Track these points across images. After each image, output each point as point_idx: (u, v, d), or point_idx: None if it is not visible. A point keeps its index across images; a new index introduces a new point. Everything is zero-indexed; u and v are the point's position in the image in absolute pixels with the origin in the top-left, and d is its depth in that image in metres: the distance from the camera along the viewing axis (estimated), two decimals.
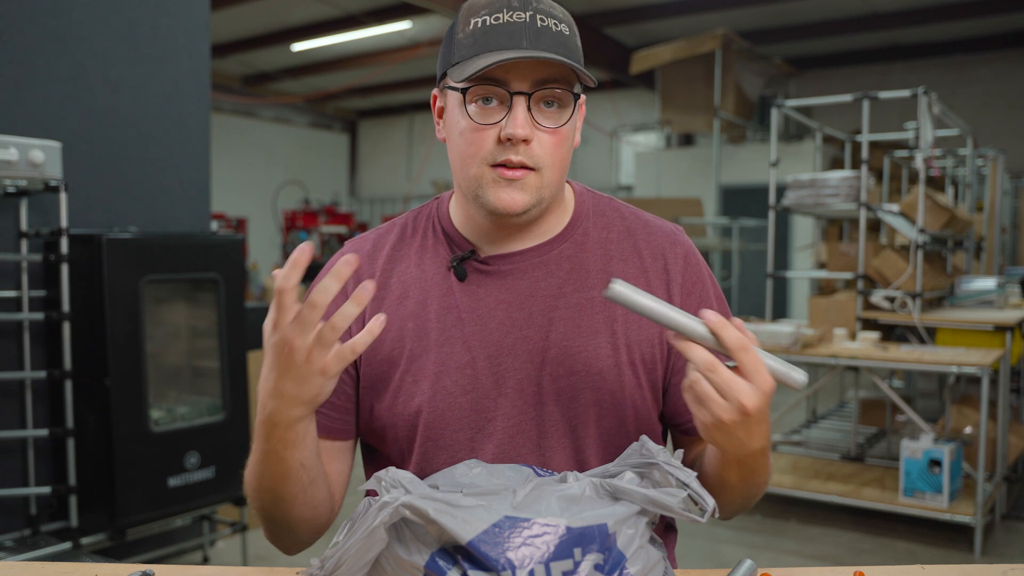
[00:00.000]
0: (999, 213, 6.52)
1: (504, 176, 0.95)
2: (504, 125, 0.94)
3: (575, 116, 0.99)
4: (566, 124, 0.97)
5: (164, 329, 3.04)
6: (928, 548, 3.51)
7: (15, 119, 2.69)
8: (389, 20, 8.67)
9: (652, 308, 0.84)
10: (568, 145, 0.99)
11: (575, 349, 1.01)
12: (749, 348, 0.82)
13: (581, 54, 0.99)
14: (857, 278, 4.22)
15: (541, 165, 0.96)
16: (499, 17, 0.94)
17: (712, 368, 0.82)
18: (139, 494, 2.74)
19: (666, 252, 1.07)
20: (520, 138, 0.93)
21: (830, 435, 4.83)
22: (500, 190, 0.96)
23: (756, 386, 0.82)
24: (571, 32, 0.97)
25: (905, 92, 4.17)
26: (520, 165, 0.95)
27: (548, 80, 0.94)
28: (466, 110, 0.96)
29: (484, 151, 0.95)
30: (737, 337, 0.82)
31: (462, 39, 0.96)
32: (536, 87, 0.94)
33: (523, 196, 0.96)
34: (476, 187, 0.97)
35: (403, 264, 1.07)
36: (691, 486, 0.79)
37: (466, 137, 0.97)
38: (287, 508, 0.94)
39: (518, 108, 0.94)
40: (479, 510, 0.76)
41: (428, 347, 1.02)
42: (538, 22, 0.94)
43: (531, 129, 0.94)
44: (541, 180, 0.97)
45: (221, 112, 11.51)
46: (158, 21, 3.13)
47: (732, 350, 0.82)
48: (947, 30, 8.85)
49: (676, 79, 8.31)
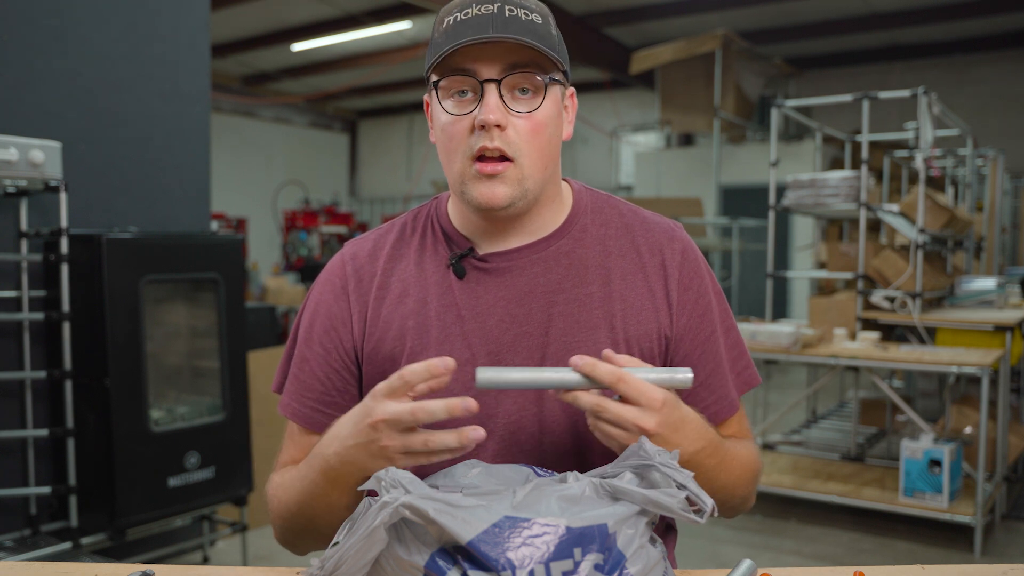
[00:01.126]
0: (999, 213, 6.52)
1: (484, 172, 0.96)
2: (477, 112, 0.95)
3: (550, 101, 0.99)
4: (540, 108, 0.97)
5: (164, 329, 3.04)
6: (928, 548, 3.51)
7: (15, 119, 2.69)
8: (389, 20, 8.67)
9: (522, 379, 0.86)
10: (548, 133, 0.99)
11: (574, 344, 1.02)
12: (623, 376, 0.85)
13: (557, 42, 0.99)
14: (857, 278, 4.22)
15: (518, 153, 0.97)
16: (468, 12, 0.95)
17: (599, 408, 0.86)
18: (139, 494, 2.74)
19: (664, 248, 1.07)
20: (492, 123, 0.94)
21: (830, 435, 4.84)
22: (481, 185, 0.97)
23: (645, 406, 0.85)
24: (544, 22, 0.98)
25: (905, 92, 4.17)
26: (498, 154, 0.96)
27: (517, 65, 0.95)
28: (442, 105, 0.98)
29: (462, 143, 0.97)
30: (608, 372, 0.85)
31: (436, 38, 0.98)
32: (505, 72, 0.95)
33: (504, 189, 0.97)
34: (460, 183, 0.99)
35: (403, 263, 1.08)
36: (688, 487, 0.79)
37: (446, 131, 0.98)
38: (317, 535, 0.99)
39: (489, 95, 0.95)
40: (479, 510, 0.76)
41: (428, 345, 1.03)
42: (506, 12, 0.95)
43: (504, 114, 0.95)
44: (521, 171, 0.97)
45: (221, 112, 11.51)
46: (158, 21, 3.13)
47: (609, 385, 0.85)
48: (947, 30, 8.85)
49: (676, 79, 8.31)
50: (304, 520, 0.98)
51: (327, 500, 0.93)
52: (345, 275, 1.09)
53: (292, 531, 1.01)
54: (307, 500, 0.95)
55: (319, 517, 0.96)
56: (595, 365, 0.85)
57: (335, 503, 0.92)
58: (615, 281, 1.05)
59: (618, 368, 0.86)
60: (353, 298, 1.07)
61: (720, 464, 0.97)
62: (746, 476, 1.05)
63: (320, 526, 0.96)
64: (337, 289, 1.08)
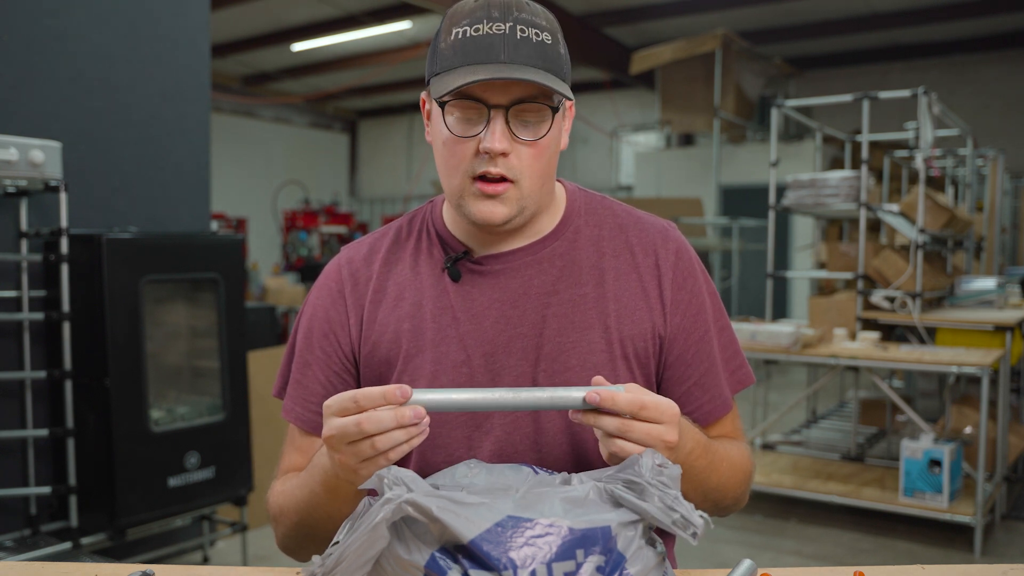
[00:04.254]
0: (999, 213, 6.52)
1: (484, 191, 0.97)
2: (483, 138, 0.95)
3: (556, 126, 0.99)
4: (545, 136, 0.97)
5: (164, 329, 3.04)
6: (928, 548, 3.51)
7: (15, 119, 2.69)
8: (389, 20, 8.67)
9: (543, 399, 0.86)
10: (549, 155, 1.00)
11: (569, 345, 1.02)
12: (644, 403, 0.84)
13: (565, 61, 0.99)
14: (857, 278, 4.22)
15: (519, 177, 0.97)
16: (479, 28, 0.94)
17: (626, 430, 0.84)
18: (139, 494, 2.74)
19: (657, 248, 1.08)
20: (498, 151, 0.94)
21: (830, 435, 4.83)
22: (480, 203, 0.97)
23: (666, 422, 0.85)
24: (554, 40, 0.97)
25: (905, 92, 4.17)
26: (499, 177, 0.96)
27: (525, 98, 0.94)
28: (445, 122, 0.97)
29: (464, 163, 0.97)
30: (629, 402, 0.84)
31: (444, 49, 0.96)
32: (514, 102, 0.94)
33: (503, 209, 0.98)
34: (458, 198, 0.99)
35: (398, 267, 1.09)
36: (679, 509, 0.78)
37: (448, 148, 0.98)
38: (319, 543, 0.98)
39: (496, 122, 0.94)
40: (482, 509, 0.75)
41: (424, 347, 1.03)
42: (518, 33, 0.94)
43: (509, 142, 0.95)
44: (520, 192, 0.98)
45: (221, 112, 11.50)
46: (158, 21, 3.13)
47: (634, 413, 0.84)
48: (947, 30, 8.85)
49: (676, 79, 8.31)
50: (306, 528, 0.99)
51: (327, 510, 0.94)
52: (341, 279, 1.09)
53: (294, 539, 1.02)
54: (308, 509, 0.96)
55: (320, 525, 0.96)
56: (615, 398, 0.84)
57: (335, 513, 0.92)
58: (609, 281, 1.05)
59: (636, 395, 0.85)
60: (350, 302, 1.08)
61: (710, 465, 0.98)
62: (737, 477, 1.05)
63: (321, 534, 0.97)
64: (334, 293, 1.09)
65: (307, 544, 1.02)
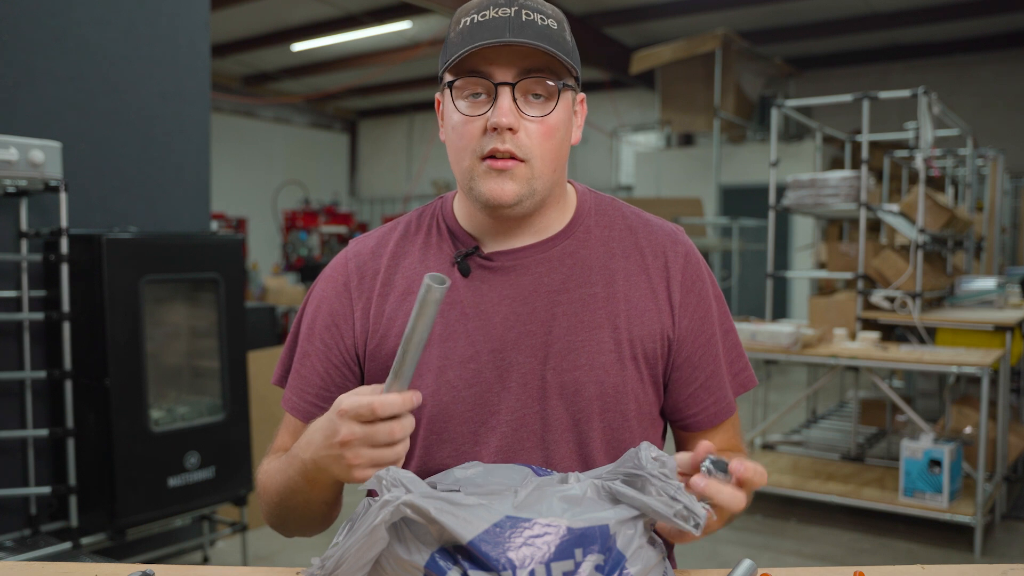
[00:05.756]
0: (999, 213, 6.52)
1: (494, 167, 0.97)
2: (490, 115, 0.96)
3: (562, 106, 0.99)
4: (552, 113, 0.98)
5: (164, 329, 3.04)
6: (928, 548, 3.51)
7: (15, 119, 2.69)
8: (389, 20, 8.67)
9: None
10: (559, 137, 1.00)
11: (578, 344, 1.02)
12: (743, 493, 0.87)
13: (571, 48, 1.00)
14: (857, 278, 4.22)
15: (529, 155, 0.98)
16: (485, 14, 0.96)
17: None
18: (139, 494, 2.74)
19: (667, 250, 1.08)
20: (505, 126, 0.95)
21: (830, 435, 4.83)
22: (490, 181, 0.98)
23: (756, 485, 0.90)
24: (559, 27, 0.99)
25: (905, 92, 4.17)
26: (508, 155, 0.96)
27: (532, 70, 0.96)
28: (455, 104, 0.98)
29: (473, 143, 0.98)
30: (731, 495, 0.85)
31: (452, 38, 0.98)
32: (520, 76, 0.96)
33: (513, 186, 0.98)
34: (469, 179, 0.99)
35: (407, 260, 1.08)
36: (681, 499, 0.79)
37: (457, 131, 0.99)
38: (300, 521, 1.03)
39: (503, 97, 0.96)
40: (480, 509, 0.76)
41: (432, 341, 1.03)
42: (523, 16, 0.96)
43: (516, 118, 0.96)
44: (531, 171, 0.98)
45: (221, 112, 11.50)
46: (158, 21, 3.13)
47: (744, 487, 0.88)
48: (947, 30, 8.85)
49: (676, 79, 8.31)
50: (286, 509, 1.01)
51: (305, 496, 0.96)
52: (348, 272, 1.10)
53: (277, 516, 1.05)
54: (287, 493, 0.98)
55: (298, 508, 1.00)
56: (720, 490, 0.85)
57: (313, 499, 0.96)
58: (618, 282, 1.05)
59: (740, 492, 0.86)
60: (355, 295, 1.08)
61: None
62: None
63: (301, 515, 1.01)
64: (339, 286, 1.09)
65: (288, 523, 1.05)
